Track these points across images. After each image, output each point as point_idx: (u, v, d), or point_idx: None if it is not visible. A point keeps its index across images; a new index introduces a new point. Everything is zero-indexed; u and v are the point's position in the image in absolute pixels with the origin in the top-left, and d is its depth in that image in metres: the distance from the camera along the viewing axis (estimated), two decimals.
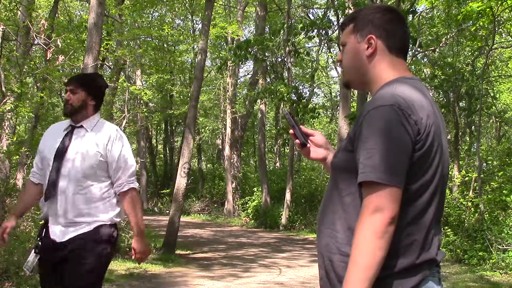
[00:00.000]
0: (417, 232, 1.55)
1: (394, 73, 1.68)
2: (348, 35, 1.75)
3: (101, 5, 7.87)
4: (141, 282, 7.19)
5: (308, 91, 28.39)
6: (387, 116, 1.51)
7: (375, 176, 1.47)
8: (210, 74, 26.37)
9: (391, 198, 1.47)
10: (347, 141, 1.63)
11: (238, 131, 22.52)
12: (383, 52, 1.70)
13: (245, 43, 15.30)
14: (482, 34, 12.20)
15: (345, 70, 1.79)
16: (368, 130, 1.52)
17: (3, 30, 9.42)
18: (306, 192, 18.73)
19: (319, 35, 18.23)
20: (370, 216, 1.47)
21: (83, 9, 21.49)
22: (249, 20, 27.11)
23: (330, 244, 1.63)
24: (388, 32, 1.69)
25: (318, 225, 1.74)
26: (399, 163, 1.49)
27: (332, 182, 1.71)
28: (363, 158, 1.51)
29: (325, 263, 1.64)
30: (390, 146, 1.49)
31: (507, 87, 20.61)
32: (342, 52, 1.79)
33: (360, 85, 1.81)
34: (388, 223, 1.46)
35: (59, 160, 2.94)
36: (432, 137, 1.56)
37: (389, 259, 1.49)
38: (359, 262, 1.46)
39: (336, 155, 1.73)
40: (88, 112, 3.04)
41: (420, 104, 1.56)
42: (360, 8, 1.80)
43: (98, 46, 7.74)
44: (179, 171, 10.41)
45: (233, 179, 21.47)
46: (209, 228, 17.43)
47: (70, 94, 3.02)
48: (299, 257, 10.58)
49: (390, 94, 1.56)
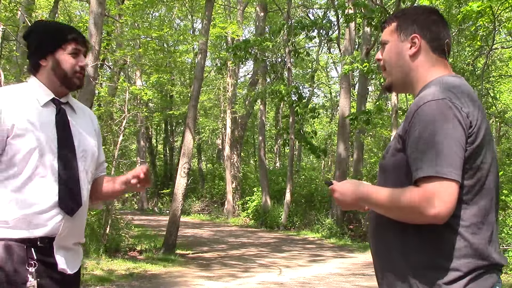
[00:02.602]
0: (480, 232, 1.52)
1: (437, 73, 1.67)
2: (391, 33, 1.75)
3: (101, 5, 7.88)
4: (141, 282, 7.19)
5: (308, 91, 28.42)
6: (439, 109, 1.48)
7: (433, 171, 1.44)
8: (210, 74, 26.37)
9: (449, 192, 1.43)
10: (395, 141, 1.61)
11: (238, 131, 22.52)
12: (426, 52, 1.69)
13: (245, 43, 15.30)
14: (482, 34, 12.20)
15: (388, 70, 1.76)
16: (421, 125, 1.49)
17: (3, 30, 9.42)
18: (306, 192, 18.73)
19: (319, 35, 18.24)
20: (423, 201, 1.44)
21: (83, 9, 21.50)
22: (249, 20, 27.11)
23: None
24: (432, 33, 1.69)
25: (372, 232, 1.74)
26: (456, 156, 1.46)
27: (380, 185, 1.67)
28: (418, 153, 1.48)
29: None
30: (446, 140, 1.45)
31: (507, 87, 20.61)
32: (383, 50, 1.78)
33: (403, 87, 1.78)
34: (432, 218, 1.44)
35: (71, 152, 2.08)
36: (484, 132, 1.53)
37: (455, 260, 1.48)
38: (388, 198, 1.51)
39: (384, 156, 1.69)
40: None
41: (470, 97, 1.55)
42: (403, 9, 1.80)
43: (98, 46, 7.75)
44: (179, 171, 10.41)
45: (233, 179, 21.47)
46: (209, 228, 17.42)
47: (82, 57, 2.14)
48: (299, 257, 10.58)
49: (440, 88, 1.55)
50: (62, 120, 2.07)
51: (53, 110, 2.07)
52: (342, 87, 16.75)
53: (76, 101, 2.25)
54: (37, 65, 2.09)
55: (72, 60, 2.07)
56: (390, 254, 1.60)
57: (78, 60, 2.09)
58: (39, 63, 2.09)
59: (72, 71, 2.08)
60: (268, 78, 20.75)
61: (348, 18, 14.11)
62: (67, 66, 2.07)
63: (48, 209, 1.98)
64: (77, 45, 2.09)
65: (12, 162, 1.96)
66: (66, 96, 2.15)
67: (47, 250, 1.98)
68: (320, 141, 28.21)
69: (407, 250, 1.55)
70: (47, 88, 2.09)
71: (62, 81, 2.09)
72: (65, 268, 2.02)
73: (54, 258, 1.99)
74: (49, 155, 2.00)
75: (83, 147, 2.13)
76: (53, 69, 2.07)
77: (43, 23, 2.20)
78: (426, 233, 1.51)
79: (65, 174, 2.03)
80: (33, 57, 2.10)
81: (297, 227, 16.91)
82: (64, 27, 2.15)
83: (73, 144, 2.08)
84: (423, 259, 1.51)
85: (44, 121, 2.02)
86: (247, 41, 15.48)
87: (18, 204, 1.95)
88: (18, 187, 1.96)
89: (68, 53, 2.07)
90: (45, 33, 2.10)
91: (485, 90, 16.18)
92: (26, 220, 1.94)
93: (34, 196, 1.96)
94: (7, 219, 1.93)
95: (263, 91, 17.80)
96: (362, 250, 12.15)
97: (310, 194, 18.48)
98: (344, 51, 16.37)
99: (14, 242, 1.92)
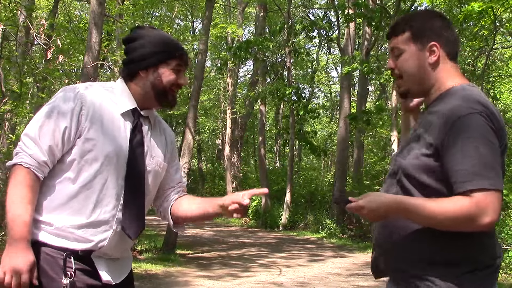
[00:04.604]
0: (492, 235, 1.65)
1: (456, 80, 1.70)
2: (406, 42, 1.74)
3: (101, 5, 7.87)
4: (141, 282, 7.19)
5: (308, 91, 28.42)
6: (480, 123, 1.53)
7: (487, 183, 1.50)
8: (210, 74, 26.37)
9: (498, 203, 1.51)
10: (423, 146, 1.62)
11: (238, 131, 22.53)
12: (444, 59, 1.72)
13: (245, 43, 15.29)
14: (483, 33, 12.19)
15: (406, 79, 1.76)
16: (465, 138, 1.53)
17: (3, 30, 9.42)
18: (306, 192, 18.73)
19: (319, 35, 18.25)
20: (478, 211, 1.49)
21: (83, 9, 21.49)
22: (249, 20, 27.11)
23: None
24: (446, 39, 1.72)
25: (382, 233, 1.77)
26: (498, 168, 1.54)
27: (396, 186, 1.70)
28: (464, 165, 1.52)
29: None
30: (490, 153, 1.52)
31: (508, 87, 20.61)
32: (396, 60, 1.78)
33: (420, 93, 1.79)
34: (485, 226, 1.51)
35: (140, 173, 1.97)
36: (506, 147, 1.62)
37: (477, 255, 1.59)
38: (430, 208, 1.54)
39: (404, 155, 1.70)
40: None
41: (498, 113, 1.61)
42: (411, 15, 1.80)
43: (98, 46, 7.74)
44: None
45: (233, 179, 21.47)
46: (209, 228, 17.42)
47: (183, 76, 2.05)
48: (299, 257, 10.57)
49: (474, 100, 1.58)
50: (137, 135, 1.96)
51: (130, 121, 1.96)
52: (342, 87, 16.76)
53: (157, 115, 2.13)
54: (135, 74, 2.00)
55: (173, 76, 1.98)
56: (407, 248, 1.66)
57: (178, 77, 2.00)
58: (138, 72, 1.99)
59: (170, 87, 1.99)
60: (268, 78, 20.77)
61: (348, 18, 14.12)
62: (167, 82, 1.98)
63: (98, 224, 1.87)
64: (181, 62, 2.01)
65: (74, 165, 1.86)
66: (148, 110, 2.03)
67: (88, 260, 1.88)
68: (320, 141, 28.21)
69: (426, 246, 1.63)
70: (133, 97, 1.99)
71: (157, 95, 1.98)
72: (109, 279, 1.91)
73: (95, 268, 1.89)
74: (116, 169, 1.89)
75: (151, 167, 2.01)
76: (152, 82, 1.97)
77: (150, 32, 2.05)
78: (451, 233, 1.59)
79: (131, 196, 1.92)
80: (133, 65, 2.00)
81: (297, 227, 16.91)
82: (173, 42, 2.05)
83: (143, 164, 1.97)
84: (441, 254, 1.61)
85: (119, 131, 1.93)
86: (248, 41, 15.47)
87: (68, 211, 1.85)
88: (75, 192, 1.85)
89: (170, 69, 1.98)
90: (154, 45, 1.98)
91: (486, 90, 16.17)
92: (73, 229, 1.85)
93: (87, 207, 1.86)
94: (53, 222, 1.85)
95: (263, 91, 17.80)
96: (362, 250, 12.15)
97: (310, 194, 18.48)
98: (344, 51, 16.37)
99: (54, 249, 1.84)
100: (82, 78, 7.46)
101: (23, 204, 1.77)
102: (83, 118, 1.86)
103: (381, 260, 1.78)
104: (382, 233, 1.76)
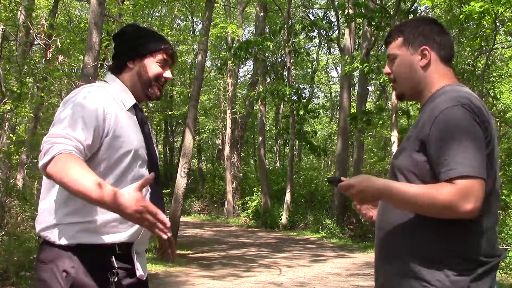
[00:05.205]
0: (492, 229, 1.66)
1: (447, 81, 1.78)
2: (399, 47, 1.84)
3: (101, 5, 7.87)
4: None
5: (308, 91, 28.43)
6: (463, 115, 1.59)
7: (469, 170, 1.53)
8: (210, 74, 26.36)
9: (481, 190, 1.54)
10: (412, 143, 1.68)
11: (238, 131, 22.52)
12: (436, 62, 1.80)
13: (245, 43, 15.29)
14: (484, 33, 12.19)
15: (400, 82, 1.86)
16: (447, 130, 1.59)
17: (3, 30, 9.42)
18: (306, 192, 18.73)
19: (319, 35, 18.25)
20: (460, 197, 1.52)
21: (83, 9, 21.49)
22: (249, 20, 27.11)
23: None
24: (439, 43, 1.80)
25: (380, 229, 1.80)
26: (482, 157, 1.57)
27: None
28: (447, 156, 1.57)
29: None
30: (474, 142, 1.56)
31: (508, 87, 20.61)
32: (391, 65, 1.87)
33: (414, 95, 1.86)
34: (467, 213, 1.53)
35: (155, 163, 2.08)
36: (494, 140, 1.65)
37: (468, 253, 1.60)
38: (418, 191, 1.57)
39: (396, 156, 1.77)
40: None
41: (484, 107, 1.65)
42: (404, 22, 1.90)
43: (98, 46, 7.74)
44: (179, 171, 10.41)
45: (233, 179, 21.47)
46: (209, 228, 17.42)
47: (169, 70, 2.14)
48: (299, 257, 10.57)
49: (458, 95, 1.64)
50: (145, 127, 2.06)
51: (134, 115, 2.04)
52: (342, 87, 16.76)
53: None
54: (123, 66, 2.06)
55: (158, 69, 2.05)
56: (403, 246, 1.68)
57: (164, 71, 2.07)
58: (126, 64, 2.05)
59: (156, 80, 2.05)
60: (268, 78, 20.76)
61: (348, 18, 14.12)
62: (153, 73, 2.04)
63: None
64: (167, 56, 2.07)
65: (105, 162, 1.88)
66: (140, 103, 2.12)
67: (126, 256, 1.92)
68: (320, 141, 28.21)
69: (422, 242, 1.65)
70: (130, 92, 2.06)
71: (144, 87, 2.05)
72: (143, 274, 1.98)
73: (133, 264, 1.93)
74: (141, 161, 1.97)
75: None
76: (138, 73, 2.04)
77: (137, 27, 2.15)
78: (443, 227, 1.61)
79: (155, 185, 1.98)
80: (121, 57, 2.06)
81: (297, 227, 16.91)
82: (159, 36, 2.12)
83: (156, 153, 2.07)
84: (439, 251, 1.62)
85: (135, 126, 2.01)
86: (248, 41, 15.47)
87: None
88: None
89: (156, 61, 2.04)
90: (140, 37, 2.06)
91: (486, 90, 16.18)
92: (114, 223, 1.87)
93: None
94: (92, 220, 1.84)
95: (263, 91, 17.80)
96: (362, 250, 12.15)
97: (310, 194, 18.48)
98: (344, 51, 16.36)
99: (96, 249, 1.85)
100: (82, 78, 7.45)
101: (86, 173, 1.67)
102: (108, 116, 1.89)
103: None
104: (378, 227, 1.82)
